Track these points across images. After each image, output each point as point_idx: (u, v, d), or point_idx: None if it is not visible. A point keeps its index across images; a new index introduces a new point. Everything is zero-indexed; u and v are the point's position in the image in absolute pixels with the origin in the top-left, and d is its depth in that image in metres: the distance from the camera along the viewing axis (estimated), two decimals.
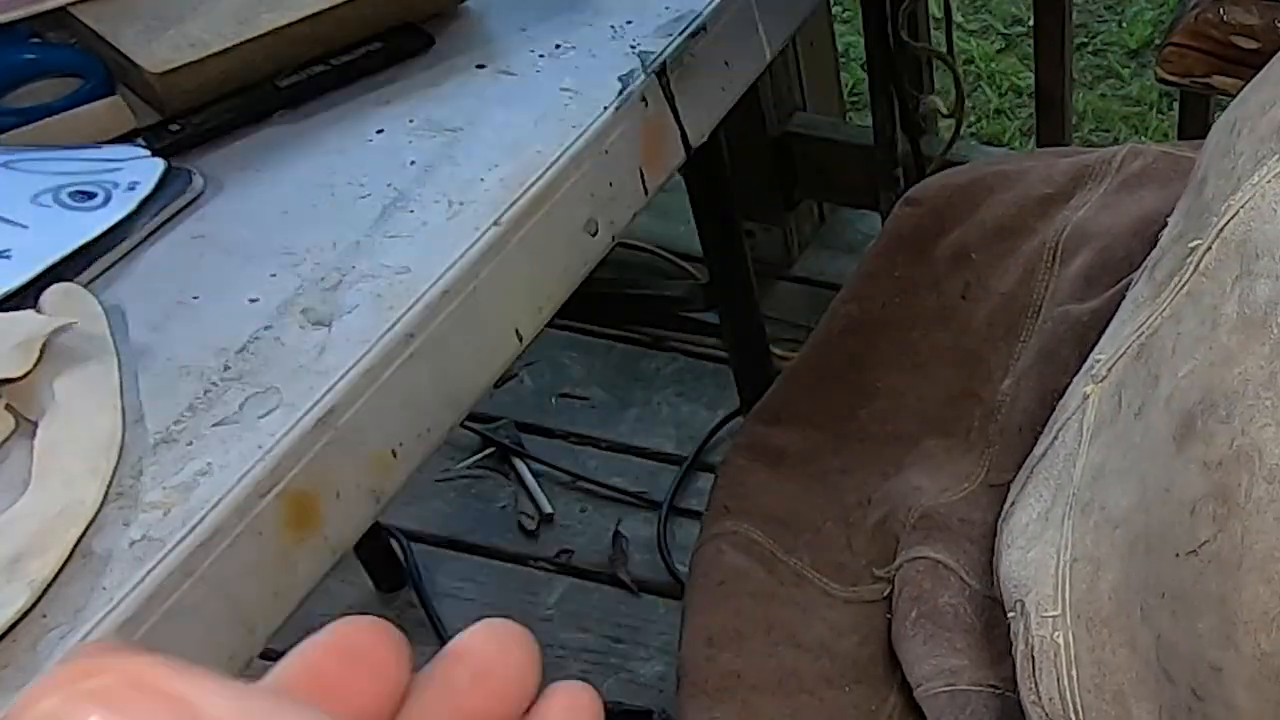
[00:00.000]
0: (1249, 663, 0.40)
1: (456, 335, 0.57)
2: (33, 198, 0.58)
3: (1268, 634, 0.39)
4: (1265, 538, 0.39)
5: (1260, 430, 0.39)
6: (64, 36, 0.69)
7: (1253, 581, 0.39)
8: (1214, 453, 0.41)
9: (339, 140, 0.64)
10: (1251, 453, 0.39)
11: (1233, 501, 0.40)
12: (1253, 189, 0.42)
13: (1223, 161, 0.46)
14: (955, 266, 0.72)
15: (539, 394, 1.59)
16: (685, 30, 0.69)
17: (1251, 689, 0.40)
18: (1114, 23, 2.14)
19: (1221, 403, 0.41)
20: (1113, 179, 0.73)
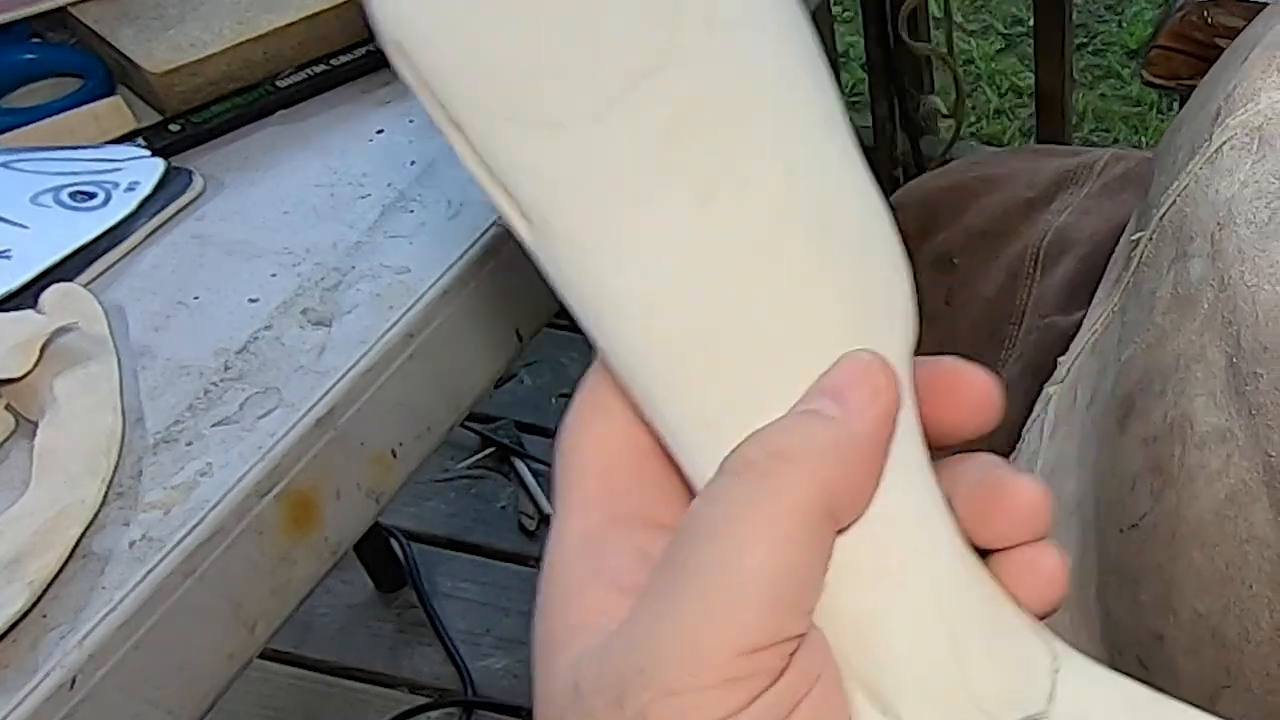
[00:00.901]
0: (1187, 628, 0.41)
1: (456, 335, 0.57)
2: (33, 198, 0.58)
3: (1202, 598, 0.40)
4: (1197, 503, 0.39)
5: (1191, 401, 0.40)
6: (64, 36, 0.69)
7: (1187, 548, 0.40)
8: (1150, 428, 0.42)
9: (339, 140, 0.64)
10: (1183, 423, 0.40)
11: (1168, 473, 0.41)
12: (1187, 176, 0.43)
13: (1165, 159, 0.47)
14: (939, 272, 0.72)
15: (539, 394, 1.59)
16: None
17: (1190, 654, 0.41)
18: (1114, 23, 2.14)
19: (1156, 380, 0.42)
20: (1094, 183, 0.73)
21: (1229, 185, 0.40)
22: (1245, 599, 0.39)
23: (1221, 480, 0.39)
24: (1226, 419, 0.38)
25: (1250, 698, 0.40)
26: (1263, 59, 0.42)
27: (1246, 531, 0.38)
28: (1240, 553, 0.38)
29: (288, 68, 0.66)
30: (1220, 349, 0.39)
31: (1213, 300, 0.40)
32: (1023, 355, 0.66)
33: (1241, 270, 0.38)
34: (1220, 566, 0.39)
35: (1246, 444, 0.38)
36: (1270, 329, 0.36)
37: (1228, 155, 0.41)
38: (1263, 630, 0.38)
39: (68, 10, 0.67)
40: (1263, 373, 0.36)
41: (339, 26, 0.68)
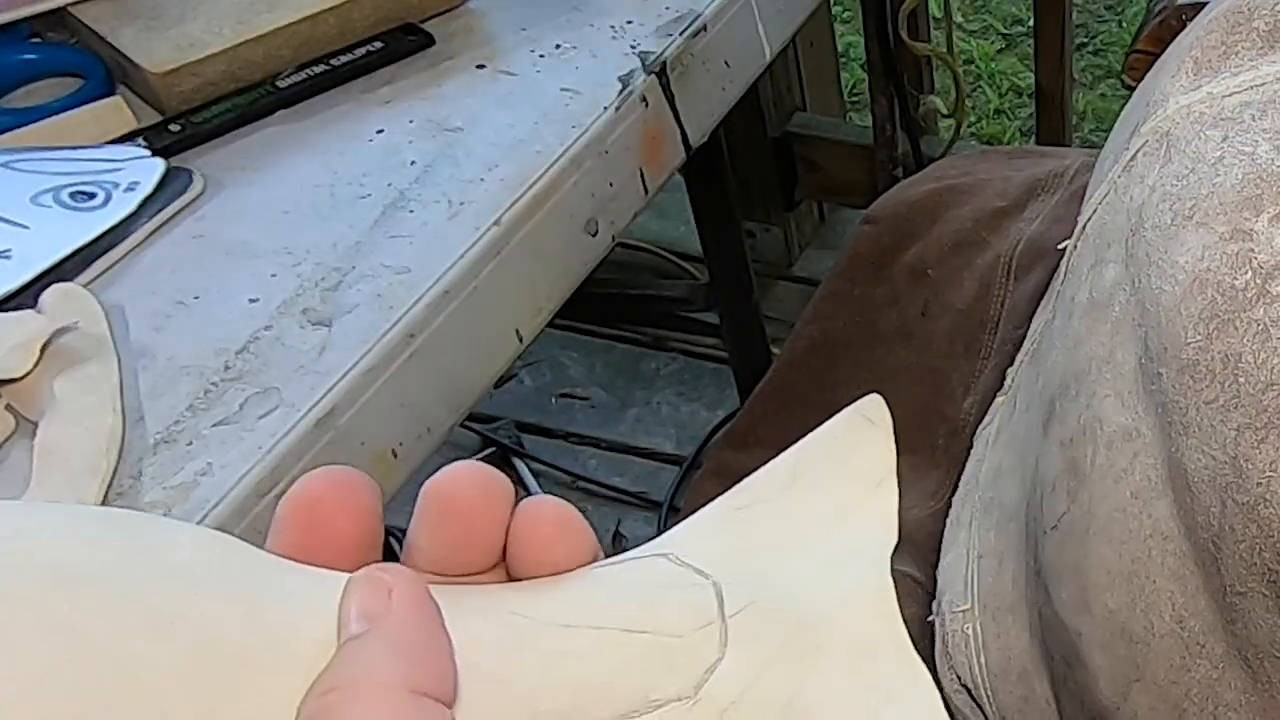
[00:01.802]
0: (1100, 624, 0.41)
1: (456, 335, 0.57)
2: (33, 198, 0.58)
3: (1112, 593, 0.40)
4: (1107, 501, 0.40)
5: (1101, 402, 0.40)
6: (64, 36, 0.69)
7: (1098, 545, 0.41)
8: (1067, 430, 0.42)
9: (339, 140, 0.64)
10: (1094, 424, 0.41)
11: (1081, 473, 0.41)
12: (1107, 184, 0.44)
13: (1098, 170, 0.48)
14: (914, 284, 0.72)
15: (539, 394, 1.59)
16: (685, 30, 0.69)
17: (1104, 650, 0.42)
18: (1114, 23, 2.15)
19: (1072, 383, 0.42)
20: (1064, 191, 0.73)
21: (1141, 191, 0.41)
22: (1149, 593, 0.39)
23: (1128, 478, 0.39)
24: (1134, 418, 0.39)
25: (1157, 690, 0.40)
26: (1174, 64, 0.43)
27: (1151, 527, 0.39)
28: (1144, 548, 0.39)
29: (288, 68, 0.66)
30: (1130, 350, 0.40)
31: (1123, 304, 0.40)
32: (999, 366, 0.66)
33: (1149, 273, 0.39)
34: (1127, 562, 0.40)
35: (1152, 441, 0.38)
36: (1170, 329, 0.37)
37: (1141, 161, 0.42)
38: (1166, 623, 0.39)
39: (68, 10, 0.67)
40: (1163, 372, 0.37)
41: (339, 26, 0.68)
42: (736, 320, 1.34)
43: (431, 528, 0.29)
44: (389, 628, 0.26)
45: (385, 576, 0.26)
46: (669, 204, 1.59)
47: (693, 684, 0.29)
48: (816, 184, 1.63)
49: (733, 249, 1.27)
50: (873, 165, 1.51)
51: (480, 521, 0.29)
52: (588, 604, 0.29)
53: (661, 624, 0.29)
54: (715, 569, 0.31)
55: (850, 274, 0.75)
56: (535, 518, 0.29)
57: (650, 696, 0.28)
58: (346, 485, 0.29)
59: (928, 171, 0.82)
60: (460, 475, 0.29)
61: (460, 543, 0.29)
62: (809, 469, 0.33)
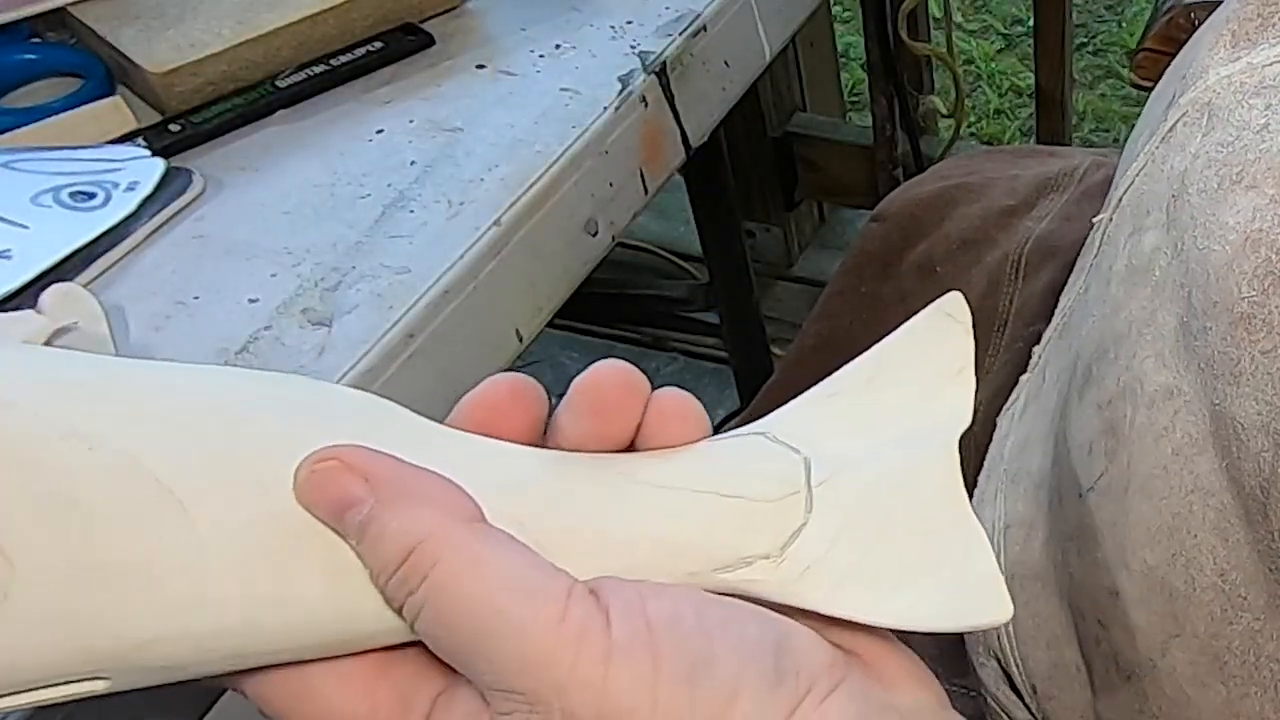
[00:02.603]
0: (1138, 580, 0.42)
1: (456, 335, 0.57)
2: (33, 198, 0.58)
3: (1152, 549, 0.41)
4: (1147, 459, 0.41)
5: (1141, 363, 0.41)
6: (64, 36, 0.69)
7: (1137, 502, 0.41)
8: (1105, 393, 0.43)
9: (339, 140, 0.64)
10: (1134, 384, 0.42)
11: (1120, 433, 0.42)
12: (1145, 156, 0.45)
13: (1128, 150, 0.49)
14: (921, 281, 0.73)
15: None
16: (685, 30, 0.69)
17: (1141, 605, 0.42)
18: (1114, 23, 2.14)
19: (1111, 347, 0.43)
20: (1074, 190, 0.74)
21: (1182, 159, 0.42)
22: (1190, 548, 0.40)
23: (1169, 436, 0.40)
24: (1175, 377, 0.40)
25: (1197, 644, 0.41)
26: (1210, 37, 0.44)
27: (1192, 483, 0.40)
28: (1186, 504, 0.40)
29: (288, 68, 0.66)
30: (1171, 311, 0.40)
31: (1164, 267, 0.41)
32: (1008, 363, 0.66)
33: (1195, 235, 0.39)
34: (1168, 518, 0.40)
35: (1194, 398, 0.39)
36: (1220, 285, 0.38)
37: (1180, 132, 0.43)
38: (1207, 576, 0.40)
39: (68, 10, 0.67)
40: (1211, 326, 0.38)
41: (339, 26, 0.68)
42: (736, 320, 1.34)
43: (578, 417, 0.33)
44: (387, 495, 0.29)
45: (350, 462, 0.29)
46: (669, 204, 1.59)
47: (779, 544, 0.32)
48: (816, 184, 1.63)
49: (733, 249, 1.27)
50: (873, 165, 1.51)
51: (620, 416, 0.33)
52: (688, 470, 0.33)
53: (754, 490, 0.33)
54: (804, 446, 0.34)
55: (858, 272, 0.75)
56: (663, 410, 0.33)
57: (741, 554, 0.32)
58: (525, 395, 0.33)
59: (935, 170, 0.82)
60: (607, 374, 0.33)
61: (601, 433, 0.33)
62: (891, 362, 0.36)
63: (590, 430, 0.33)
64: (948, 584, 0.32)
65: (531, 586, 0.28)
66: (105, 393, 0.29)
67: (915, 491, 0.33)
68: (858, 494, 0.33)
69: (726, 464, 0.33)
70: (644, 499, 0.32)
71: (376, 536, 0.28)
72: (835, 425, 0.35)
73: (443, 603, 0.28)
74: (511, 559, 0.28)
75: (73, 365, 0.30)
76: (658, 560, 0.31)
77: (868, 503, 0.33)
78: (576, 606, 0.28)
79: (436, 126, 0.64)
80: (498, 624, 0.27)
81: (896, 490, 0.33)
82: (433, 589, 0.28)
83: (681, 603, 0.29)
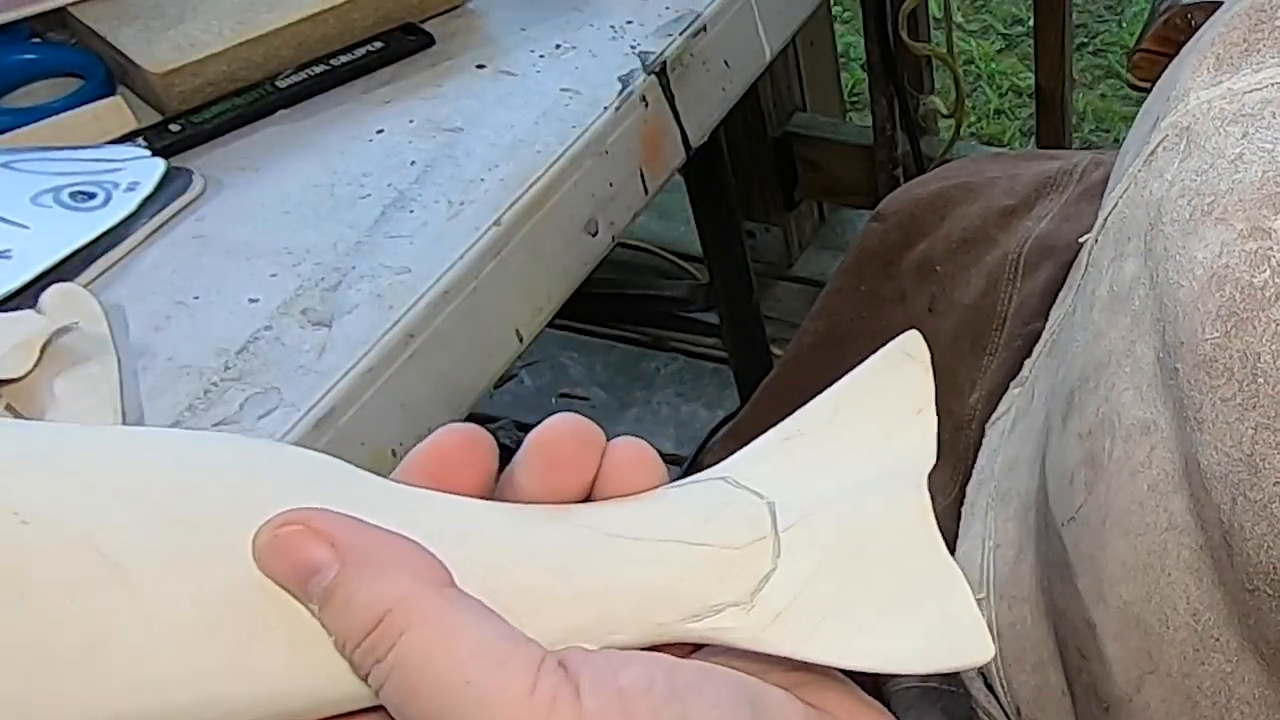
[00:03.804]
0: (1114, 615, 0.42)
1: (456, 335, 0.57)
2: (33, 198, 0.58)
3: (1127, 584, 0.41)
4: (1123, 494, 0.41)
5: (1120, 395, 0.41)
6: (64, 36, 0.69)
7: (1114, 536, 0.41)
8: (1085, 423, 0.43)
9: (339, 140, 0.64)
10: (1113, 416, 0.41)
11: (1099, 465, 0.42)
12: (1128, 179, 0.44)
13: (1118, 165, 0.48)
14: (921, 280, 0.72)
15: (539, 394, 1.59)
16: (685, 30, 0.69)
17: (1118, 640, 0.42)
18: (1114, 23, 2.14)
19: (1092, 375, 0.43)
20: (1074, 189, 0.73)
21: (1160, 185, 0.41)
22: (1164, 586, 0.40)
23: (1146, 471, 0.40)
24: (1152, 412, 0.39)
25: (1171, 682, 0.41)
26: (1194, 59, 0.43)
27: (1167, 520, 0.39)
28: (1160, 541, 0.39)
29: (288, 68, 0.66)
30: (1149, 344, 0.40)
31: (1143, 298, 0.40)
32: (1005, 361, 0.66)
33: (1166, 268, 0.39)
34: (1143, 555, 0.40)
35: (1170, 435, 0.39)
36: (1187, 325, 0.37)
37: (1161, 156, 0.42)
38: (1180, 615, 0.39)
39: (68, 10, 0.67)
40: (1180, 367, 0.37)
41: (339, 26, 0.68)
42: (736, 320, 1.34)
43: (533, 472, 0.32)
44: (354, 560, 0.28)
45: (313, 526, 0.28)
46: (669, 204, 1.59)
47: (749, 591, 0.32)
48: (816, 184, 1.62)
49: (733, 249, 1.27)
50: (873, 165, 1.51)
51: (576, 469, 0.32)
52: (652, 519, 0.32)
53: (720, 538, 0.32)
54: (768, 490, 0.34)
55: (858, 270, 0.75)
56: (619, 460, 0.33)
57: (710, 603, 0.32)
58: (476, 446, 0.32)
59: (937, 171, 0.82)
60: (562, 427, 0.32)
61: (557, 487, 0.32)
62: (851, 401, 0.36)
63: (546, 484, 0.32)
64: (926, 625, 0.32)
65: (501, 656, 0.27)
66: (42, 462, 0.28)
67: (888, 534, 0.33)
68: (828, 538, 0.33)
69: (691, 511, 0.33)
70: (610, 550, 0.31)
71: (342, 604, 0.28)
72: (798, 467, 0.35)
73: (410, 672, 0.27)
74: (482, 628, 0.28)
75: (4, 434, 0.29)
76: (627, 612, 0.31)
77: (839, 546, 0.33)
78: (547, 677, 0.27)
79: (436, 126, 0.64)
80: (466, 694, 0.27)
81: (868, 533, 0.33)
82: (400, 658, 0.27)
83: (653, 668, 0.29)
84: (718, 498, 0.34)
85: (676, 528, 0.32)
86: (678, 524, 0.32)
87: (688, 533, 0.32)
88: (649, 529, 0.32)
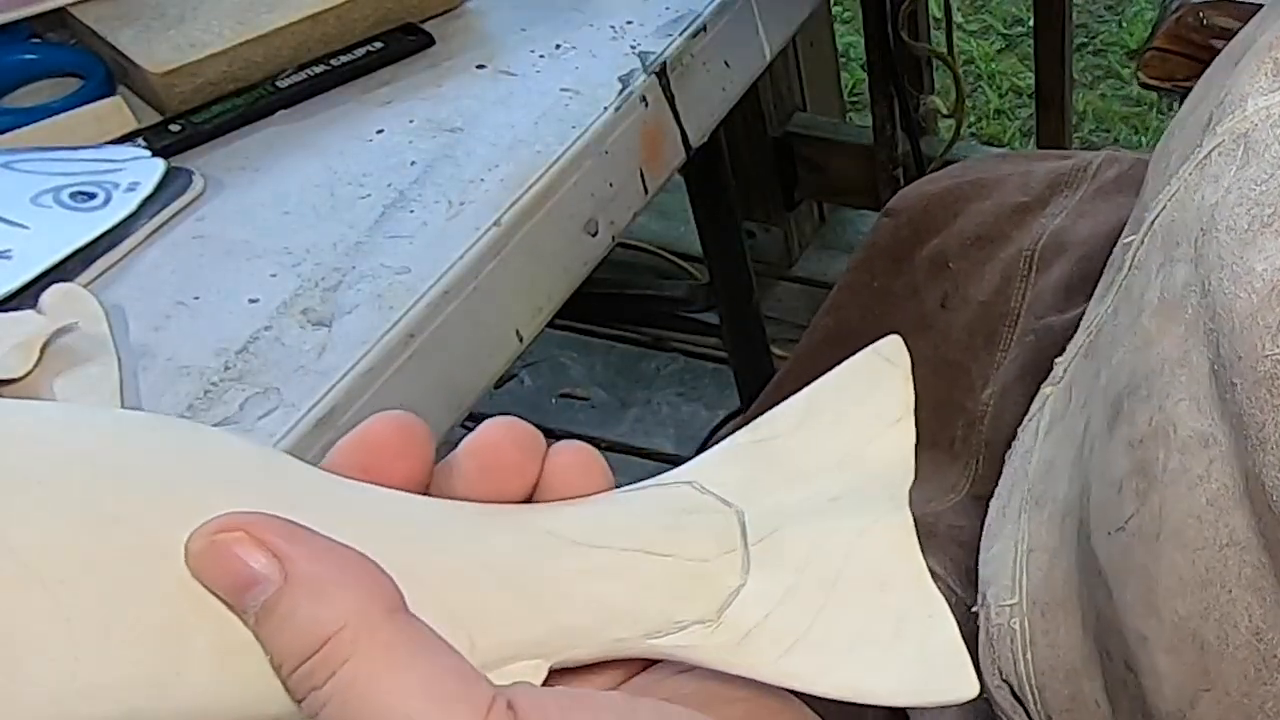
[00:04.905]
0: (1168, 629, 0.41)
1: (456, 335, 0.57)
2: (33, 198, 0.58)
3: (1183, 599, 0.40)
4: (1179, 506, 0.39)
5: (1175, 405, 0.40)
6: (64, 36, 0.69)
7: (1169, 550, 0.40)
8: (1136, 431, 0.42)
9: (339, 140, 0.64)
10: (1167, 427, 0.40)
11: (1152, 475, 0.41)
12: (1178, 181, 0.43)
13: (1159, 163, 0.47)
14: (933, 276, 0.72)
15: (539, 394, 1.59)
16: (685, 30, 0.69)
17: (1171, 654, 0.41)
18: (1114, 23, 2.14)
19: (1143, 383, 0.42)
20: (1088, 186, 0.73)
21: (1214, 191, 0.40)
22: (1224, 603, 0.39)
23: (1204, 485, 0.39)
24: (1210, 424, 0.38)
25: (1229, 701, 0.40)
26: (1253, 64, 0.42)
27: (1227, 536, 0.38)
28: (1220, 557, 0.38)
29: (288, 68, 0.66)
30: (1203, 355, 0.39)
31: (1196, 306, 0.39)
32: (1019, 356, 0.66)
33: (1220, 277, 0.38)
34: (1200, 570, 0.39)
35: (1229, 450, 0.37)
36: (1245, 338, 0.36)
37: (1216, 161, 0.41)
38: (1241, 634, 0.38)
39: (68, 10, 0.67)
40: (1238, 382, 0.36)
41: (339, 26, 0.68)
42: (736, 320, 1.34)
43: (468, 482, 0.30)
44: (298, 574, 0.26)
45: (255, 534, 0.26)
46: (669, 204, 1.59)
47: (715, 608, 0.30)
48: (816, 184, 1.62)
49: (733, 249, 1.27)
50: (873, 165, 1.51)
51: (516, 476, 0.30)
52: (614, 526, 0.30)
53: (686, 549, 0.30)
54: (736, 498, 0.32)
55: (869, 266, 0.75)
56: (561, 465, 0.31)
57: (674, 618, 0.29)
58: (409, 432, 0.30)
59: (948, 170, 0.82)
60: (498, 434, 0.30)
61: (495, 495, 0.30)
62: (827, 406, 0.34)
63: (483, 494, 0.30)
64: (906, 655, 0.30)
65: (449, 695, 0.25)
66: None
67: (866, 556, 0.31)
68: (800, 555, 0.31)
69: (654, 518, 0.31)
70: (568, 559, 0.29)
71: (282, 621, 0.25)
72: (767, 474, 0.32)
73: (349, 704, 0.25)
74: (431, 661, 0.26)
75: None
76: (585, 626, 0.29)
77: (814, 564, 0.31)
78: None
79: (436, 126, 0.64)
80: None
81: (845, 554, 0.31)
82: (340, 687, 0.25)
83: (603, 713, 0.27)
84: (683, 503, 0.31)
85: (639, 536, 0.30)
86: (640, 532, 0.30)
87: (651, 542, 0.30)
88: (609, 536, 0.30)
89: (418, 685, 0.25)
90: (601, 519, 0.30)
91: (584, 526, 0.30)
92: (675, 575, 0.30)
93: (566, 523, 0.30)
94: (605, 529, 0.30)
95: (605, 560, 0.29)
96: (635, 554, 0.30)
